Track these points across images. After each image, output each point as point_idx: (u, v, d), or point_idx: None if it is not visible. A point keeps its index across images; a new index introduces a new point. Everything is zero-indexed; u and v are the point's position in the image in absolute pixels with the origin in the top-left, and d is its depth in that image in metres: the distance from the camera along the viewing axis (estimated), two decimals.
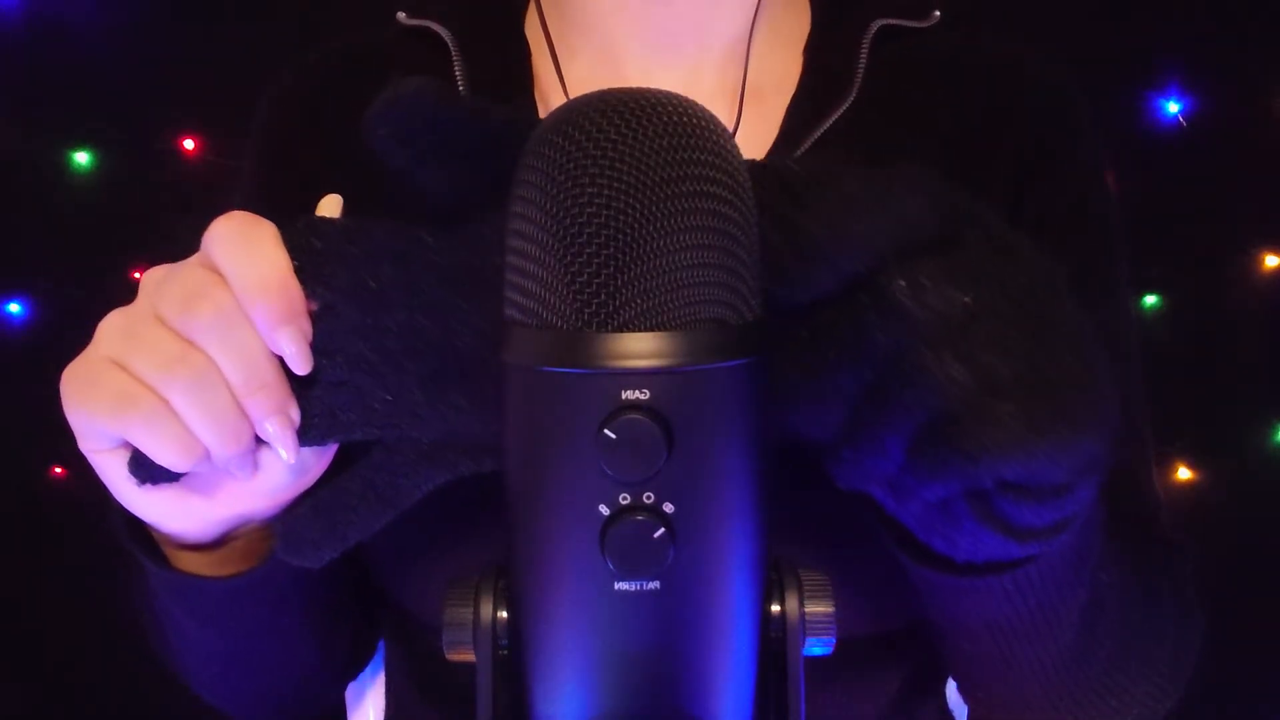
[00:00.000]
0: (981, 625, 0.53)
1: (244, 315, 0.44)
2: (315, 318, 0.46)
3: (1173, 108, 1.58)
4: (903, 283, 0.40)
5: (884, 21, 0.67)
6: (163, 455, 0.45)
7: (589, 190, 0.36)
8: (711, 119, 0.39)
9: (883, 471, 0.43)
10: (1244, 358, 1.63)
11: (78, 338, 0.47)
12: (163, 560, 0.54)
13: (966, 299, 0.40)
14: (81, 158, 1.64)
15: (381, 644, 0.76)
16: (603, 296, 0.36)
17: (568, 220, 0.36)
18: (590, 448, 0.36)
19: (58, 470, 1.70)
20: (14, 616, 1.68)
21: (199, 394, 0.44)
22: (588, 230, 0.36)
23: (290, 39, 0.76)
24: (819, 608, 0.42)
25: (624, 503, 0.37)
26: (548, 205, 0.37)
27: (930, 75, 0.68)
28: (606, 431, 0.36)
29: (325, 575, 0.61)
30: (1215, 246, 1.60)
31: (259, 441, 0.46)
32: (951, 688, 0.77)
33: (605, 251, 0.36)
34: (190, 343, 0.44)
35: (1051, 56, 0.71)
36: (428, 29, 0.68)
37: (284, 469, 0.48)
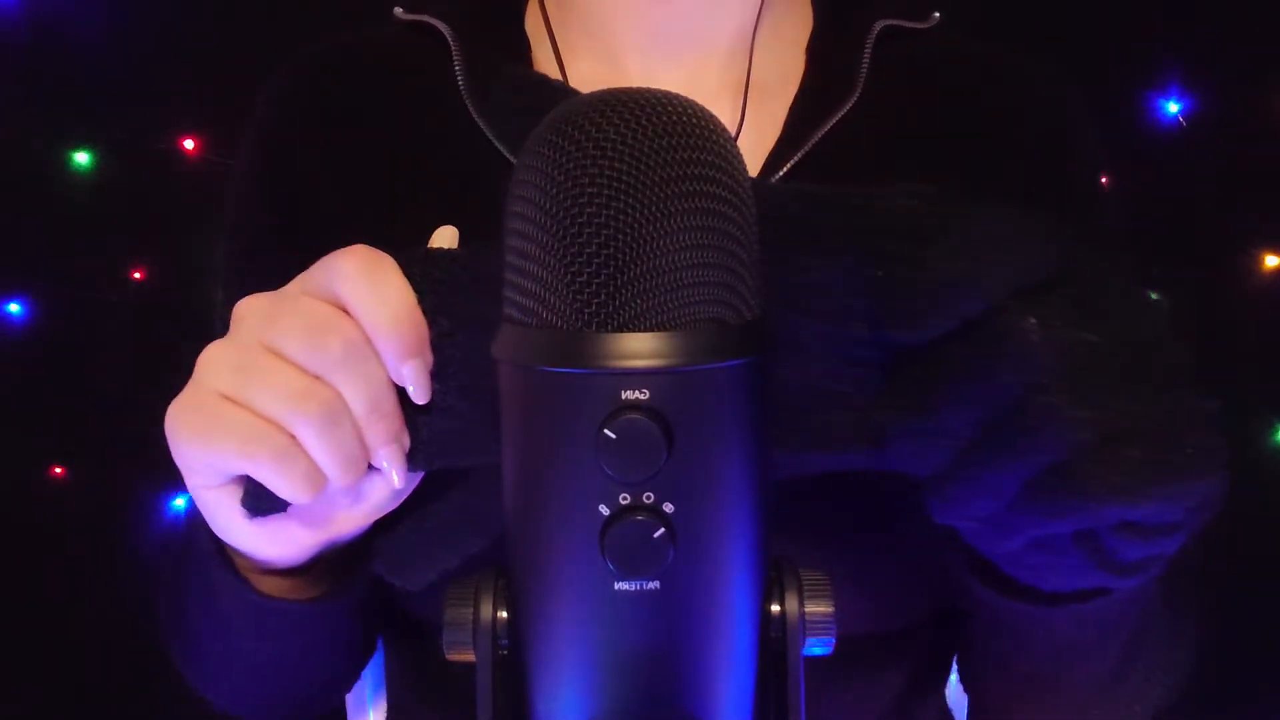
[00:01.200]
0: (1044, 647, 0.53)
1: (371, 350, 0.45)
2: (432, 345, 0.46)
3: (1173, 108, 1.58)
4: (1034, 321, 0.40)
5: (886, 22, 0.67)
6: (289, 491, 0.45)
7: (589, 190, 0.36)
8: (712, 119, 0.39)
9: (988, 510, 0.42)
10: (1244, 358, 1.63)
11: (78, 338, 0.47)
12: (244, 583, 0.54)
13: (1093, 339, 0.40)
14: (81, 158, 1.64)
15: (381, 644, 0.76)
16: (602, 296, 0.36)
17: (568, 220, 0.36)
18: (590, 448, 0.36)
19: (58, 470, 1.69)
20: (14, 616, 1.68)
21: (327, 428, 0.44)
22: (588, 230, 0.36)
23: (290, 38, 0.76)
24: (819, 608, 0.42)
25: (624, 503, 0.37)
26: (548, 205, 0.37)
27: (931, 76, 0.68)
28: (606, 431, 0.36)
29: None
30: (1215, 246, 1.60)
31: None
32: (951, 686, 0.77)
33: (605, 251, 0.36)
34: (316, 377, 0.44)
35: (1051, 57, 0.71)
36: (427, 24, 0.68)
37: (388, 494, 0.48)
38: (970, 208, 0.42)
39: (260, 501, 0.47)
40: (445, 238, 0.49)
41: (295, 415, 0.44)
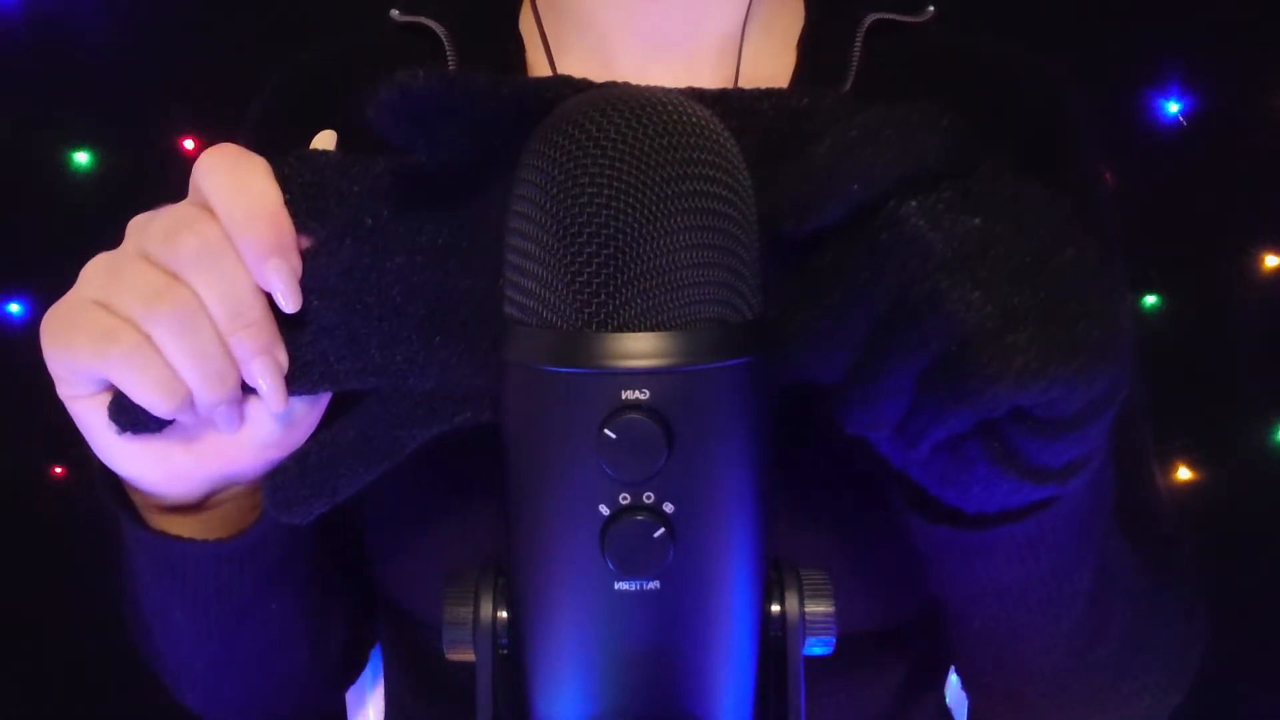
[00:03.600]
0: (992, 593, 0.52)
1: (230, 247, 0.43)
2: (307, 256, 0.44)
3: (1173, 108, 1.58)
4: (915, 204, 0.39)
5: (877, 16, 0.67)
6: (145, 396, 0.43)
7: (589, 190, 0.36)
8: (711, 118, 0.39)
9: (892, 412, 0.41)
10: (1244, 358, 1.63)
11: None
12: (139, 521, 0.51)
13: (981, 224, 0.39)
14: (81, 158, 1.64)
15: (379, 645, 0.76)
16: (603, 296, 0.36)
17: (568, 220, 0.36)
18: (590, 448, 0.36)
19: (58, 470, 1.69)
20: (14, 616, 1.68)
21: (182, 329, 0.42)
22: (588, 230, 0.36)
23: (291, 39, 0.76)
24: (819, 607, 0.42)
25: (624, 502, 0.37)
26: (548, 205, 0.37)
27: (923, 71, 0.68)
28: (606, 431, 0.36)
29: (315, 564, 0.60)
30: (1215, 246, 1.60)
31: (246, 392, 0.45)
32: (951, 686, 0.77)
33: (605, 251, 0.36)
34: (174, 277, 0.43)
35: (1051, 55, 0.71)
36: (422, 25, 0.68)
37: (271, 422, 0.46)
38: (862, 106, 0.41)
39: (126, 414, 0.45)
40: (324, 140, 0.47)
41: (148, 313, 0.42)
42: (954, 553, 0.50)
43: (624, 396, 0.36)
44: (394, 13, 0.70)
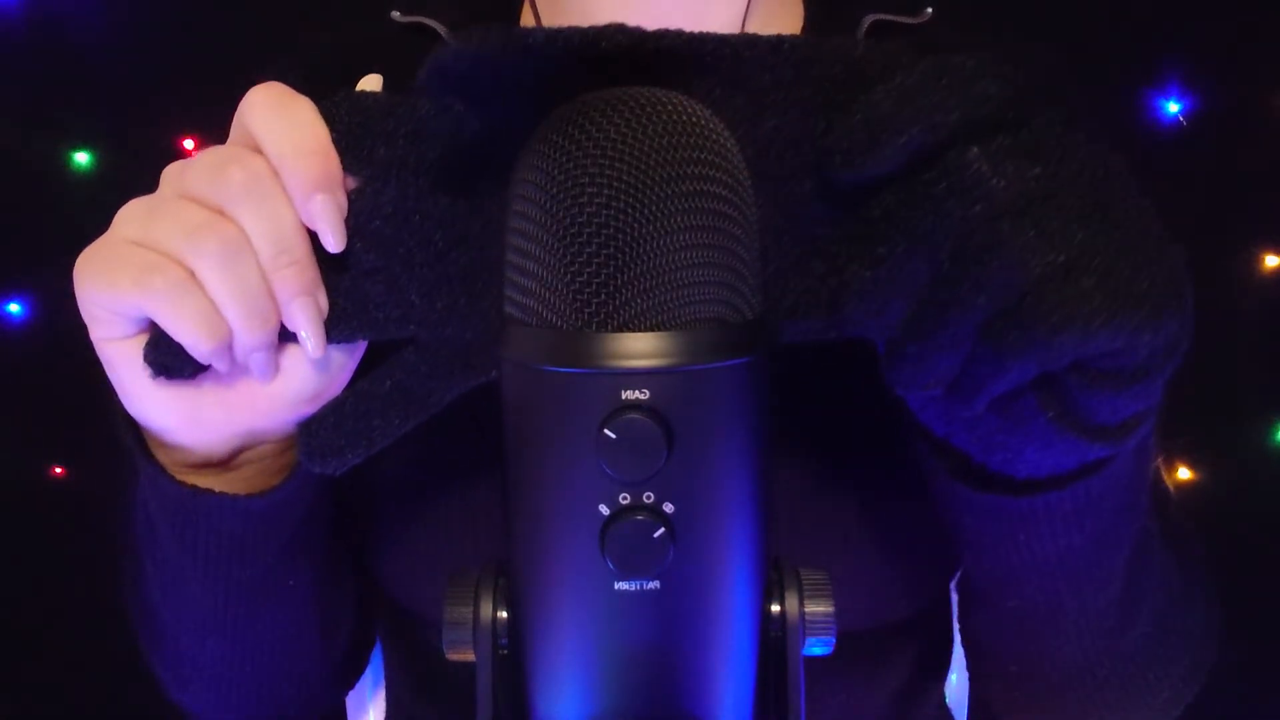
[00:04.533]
0: (1032, 567, 0.51)
1: (277, 183, 0.42)
2: (351, 197, 0.43)
3: (1173, 108, 1.57)
4: (977, 150, 0.39)
5: (876, 17, 0.67)
6: (185, 332, 0.42)
7: (589, 190, 0.36)
8: (711, 117, 0.39)
9: (948, 366, 0.40)
10: (1244, 358, 1.63)
11: (78, 338, 0.47)
12: (162, 471, 0.50)
13: (1042, 172, 0.39)
14: (81, 158, 1.64)
15: (381, 645, 0.76)
16: (603, 296, 0.36)
17: (568, 220, 0.36)
18: (590, 448, 0.37)
19: (58, 470, 1.69)
20: (14, 616, 1.68)
21: (226, 263, 0.42)
22: (588, 230, 0.36)
23: (291, 39, 0.76)
24: (819, 607, 0.42)
25: (624, 503, 0.37)
26: (548, 204, 0.37)
27: None
28: (606, 431, 0.36)
29: (328, 550, 0.59)
30: (1215, 246, 1.60)
31: (282, 340, 0.44)
32: (951, 686, 0.77)
33: (605, 251, 0.36)
34: (219, 212, 0.42)
35: (1050, 55, 0.70)
36: (423, 25, 0.68)
37: (306, 373, 0.45)
38: (921, 54, 0.41)
39: (164, 356, 0.44)
40: (370, 83, 0.47)
41: (192, 247, 0.42)
42: (998, 524, 0.49)
43: (624, 396, 0.36)
44: (395, 14, 0.70)
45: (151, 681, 0.66)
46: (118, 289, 0.42)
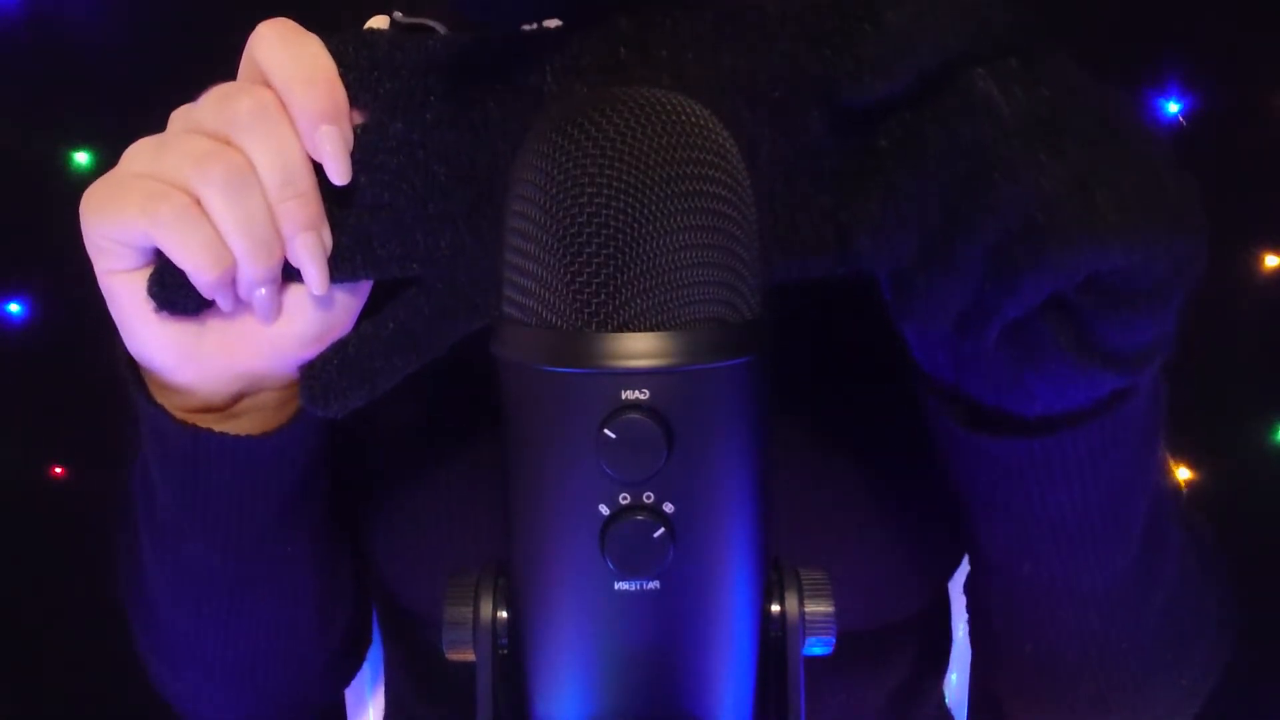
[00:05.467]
0: (1046, 525, 0.50)
1: (284, 115, 0.43)
2: (357, 132, 0.44)
3: (1173, 108, 1.57)
4: (984, 70, 0.39)
5: None
6: (190, 259, 0.43)
7: (589, 190, 0.36)
8: (710, 117, 0.39)
9: (959, 296, 0.40)
10: (1244, 358, 1.63)
11: (78, 338, 0.47)
12: (160, 409, 0.49)
13: (1050, 93, 0.39)
14: (81, 158, 1.64)
15: (380, 645, 0.76)
16: (602, 296, 0.36)
17: (568, 220, 0.36)
18: (590, 448, 0.37)
19: (58, 470, 1.69)
20: (14, 616, 1.68)
21: (232, 190, 0.42)
22: (588, 230, 0.36)
23: None
24: (819, 607, 0.42)
25: (624, 503, 0.37)
26: (547, 205, 0.37)
27: None
28: (606, 431, 0.36)
29: (327, 520, 0.59)
30: (1215, 246, 1.59)
31: (286, 280, 0.45)
32: (950, 686, 0.77)
33: (605, 251, 0.36)
34: (226, 141, 0.43)
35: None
36: (425, 27, 0.68)
37: (310, 313, 0.46)
38: None
39: (168, 289, 0.44)
40: (378, 23, 0.48)
41: (198, 175, 0.42)
42: (1011, 476, 0.48)
43: (624, 396, 0.36)
44: (397, 14, 0.70)
45: (149, 683, 0.66)
46: (124, 216, 0.43)
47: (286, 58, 0.43)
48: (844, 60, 0.40)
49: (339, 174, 0.43)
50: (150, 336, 0.46)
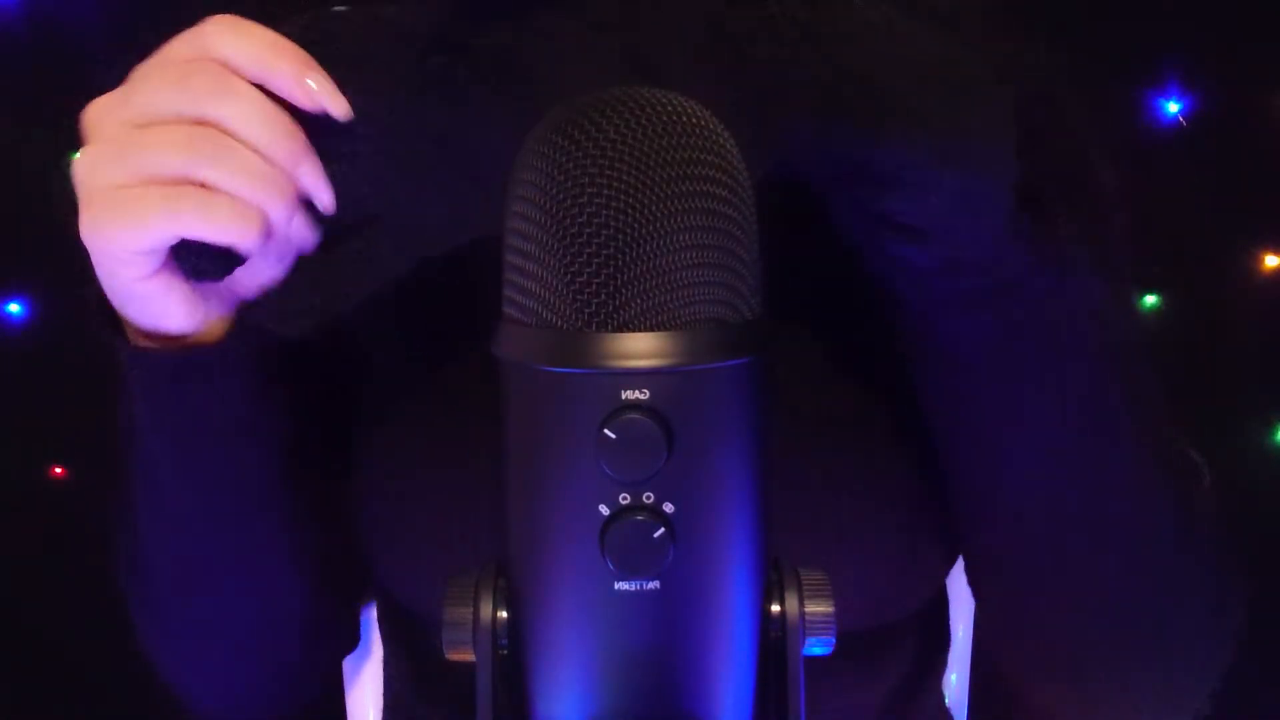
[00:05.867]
0: (1003, 373, 0.53)
1: (234, 75, 0.44)
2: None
3: (1173, 108, 1.57)
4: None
5: None
6: (228, 235, 0.44)
7: (589, 190, 0.36)
8: (710, 118, 0.39)
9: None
10: (1244, 358, 1.63)
11: (78, 338, 0.47)
12: (136, 348, 0.51)
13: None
14: None
15: (380, 644, 0.76)
16: (603, 296, 0.36)
17: (568, 220, 0.36)
18: (590, 448, 0.37)
19: (58, 470, 1.69)
20: (14, 616, 1.68)
21: (226, 158, 0.44)
22: (588, 230, 0.36)
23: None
24: (819, 607, 0.42)
25: (624, 503, 0.37)
26: (548, 205, 0.37)
27: None
28: (606, 431, 0.36)
29: (308, 472, 0.60)
30: (1215, 246, 1.59)
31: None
32: (950, 686, 0.77)
33: (605, 251, 0.36)
34: (198, 122, 0.44)
35: (1049, 55, 0.70)
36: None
37: (310, 234, 0.48)
38: None
39: (201, 260, 0.46)
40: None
41: (192, 161, 0.44)
42: (955, 306, 0.51)
43: (624, 396, 0.36)
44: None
45: (151, 681, 0.66)
46: (150, 227, 0.44)
47: (240, 38, 0.45)
48: None
49: (339, 109, 0.45)
50: (184, 315, 0.49)
